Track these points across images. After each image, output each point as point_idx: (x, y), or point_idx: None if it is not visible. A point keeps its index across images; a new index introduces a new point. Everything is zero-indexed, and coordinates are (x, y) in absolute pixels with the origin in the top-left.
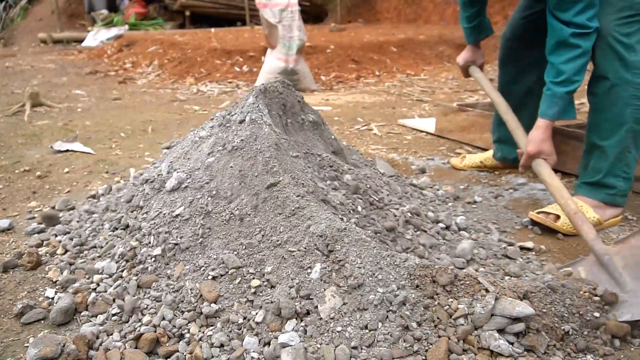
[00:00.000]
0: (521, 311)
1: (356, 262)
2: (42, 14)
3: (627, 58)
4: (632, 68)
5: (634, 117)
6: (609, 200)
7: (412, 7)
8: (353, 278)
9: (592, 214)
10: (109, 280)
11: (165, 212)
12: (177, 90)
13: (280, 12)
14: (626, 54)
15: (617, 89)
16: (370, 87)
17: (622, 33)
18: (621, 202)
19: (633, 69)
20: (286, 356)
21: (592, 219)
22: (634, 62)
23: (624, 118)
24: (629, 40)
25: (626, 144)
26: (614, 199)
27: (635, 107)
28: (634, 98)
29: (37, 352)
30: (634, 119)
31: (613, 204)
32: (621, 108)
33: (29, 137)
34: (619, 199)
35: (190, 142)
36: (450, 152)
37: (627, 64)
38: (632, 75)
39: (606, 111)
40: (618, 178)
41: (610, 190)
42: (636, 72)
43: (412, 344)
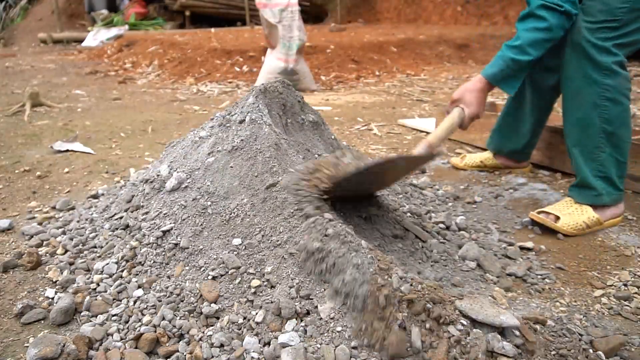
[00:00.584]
0: (504, 321)
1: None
2: (42, 14)
3: (598, 59)
4: (601, 69)
5: (604, 118)
6: (598, 202)
7: (412, 7)
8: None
9: (592, 214)
10: (109, 280)
11: (165, 212)
12: (177, 90)
13: (280, 12)
14: (596, 55)
15: (585, 90)
16: (370, 87)
17: (595, 36)
18: (611, 201)
19: (603, 69)
20: (286, 356)
21: (592, 219)
22: (604, 62)
23: (591, 120)
24: (603, 43)
25: (597, 144)
26: (601, 199)
27: (604, 108)
28: (602, 99)
29: (37, 352)
30: (603, 119)
31: (603, 205)
32: (588, 110)
33: (29, 137)
34: (607, 198)
35: (190, 142)
36: (450, 152)
37: (597, 65)
38: (601, 76)
39: (574, 113)
40: (595, 178)
41: (593, 192)
42: (606, 73)
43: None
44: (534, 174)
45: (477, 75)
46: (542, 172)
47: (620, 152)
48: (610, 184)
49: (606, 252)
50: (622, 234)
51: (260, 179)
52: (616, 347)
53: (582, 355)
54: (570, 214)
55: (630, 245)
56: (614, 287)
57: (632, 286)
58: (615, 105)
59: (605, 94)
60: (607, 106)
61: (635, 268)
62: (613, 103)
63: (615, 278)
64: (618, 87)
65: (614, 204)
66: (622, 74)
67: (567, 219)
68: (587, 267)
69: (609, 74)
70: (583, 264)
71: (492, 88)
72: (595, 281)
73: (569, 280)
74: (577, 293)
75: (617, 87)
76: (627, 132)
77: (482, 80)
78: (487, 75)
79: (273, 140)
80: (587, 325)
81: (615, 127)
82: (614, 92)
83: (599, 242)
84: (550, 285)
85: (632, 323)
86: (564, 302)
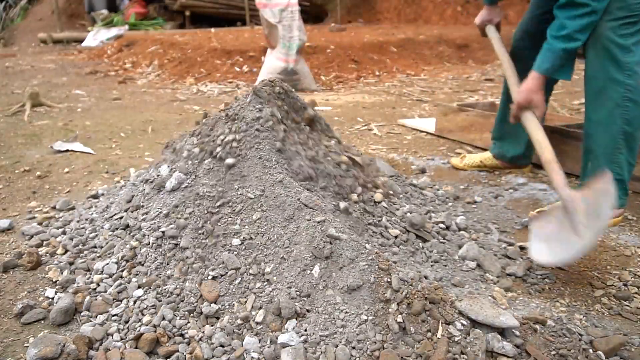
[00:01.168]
0: (504, 321)
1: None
2: (42, 14)
3: (620, 59)
4: (624, 69)
5: (624, 119)
6: None
7: (412, 7)
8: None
9: None
10: (109, 280)
11: (165, 212)
12: (177, 90)
13: (280, 12)
14: (619, 55)
15: (608, 89)
16: (370, 87)
17: (617, 34)
18: (620, 206)
19: (625, 70)
20: (286, 356)
21: None
22: (627, 62)
23: (613, 119)
24: (624, 41)
25: (617, 145)
26: None
27: (626, 109)
28: (625, 99)
29: (37, 352)
30: (624, 120)
31: None
32: (611, 109)
33: (29, 137)
34: (617, 203)
35: None
36: (450, 152)
37: (619, 65)
38: (624, 76)
39: (597, 113)
40: (614, 181)
41: None
42: (628, 73)
43: (413, 345)
44: (534, 174)
45: (532, 73)
46: (542, 172)
47: (632, 154)
48: (622, 187)
49: (606, 252)
50: (622, 234)
51: (260, 180)
52: (616, 347)
53: (582, 355)
54: None
55: (630, 245)
56: (614, 287)
57: (632, 286)
58: (636, 106)
59: (628, 95)
60: (629, 107)
61: (635, 268)
62: (634, 104)
63: (615, 278)
64: (639, 88)
65: (619, 208)
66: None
67: None
68: (587, 267)
69: (631, 75)
70: (583, 264)
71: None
72: (595, 281)
73: (569, 280)
74: (577, 293)
75: (638, 88)
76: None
77: (540, 77)
78: (544, 71)
79: (273, 139)
80: (587, 325)
81: (634, 128)
82: (635, 93)
83: (599, 242)
84: (550, 285)
85: (632, 323)
86: (564, 302)
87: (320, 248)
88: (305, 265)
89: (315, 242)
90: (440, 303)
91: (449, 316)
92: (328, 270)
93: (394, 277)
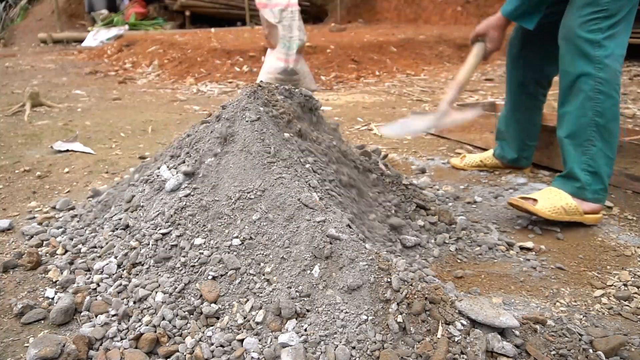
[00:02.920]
0: (504, 321)
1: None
2: (42, 14)
3: (591, 53)
4: (595, 62)
5: (596, 111)
6: (578, 195)
7: (412, 7)
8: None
9: (570, 200)
10: (109, 280)
11: (165, 213)
12: (177, 90)
13: (280, 12)
14: (590, 50)
15: (579, 82)
16: (370, 87)
17: (587, 30)
18: (592, 198)
19: (596, 63)
20: (286, 356)
21: (570, 205)
22: (598, 56)
23: (584, 111)
24: (594, 36)
25: (588, 137)
26: (583, 193)
27: (597, 101)
28: (596, 92)
29: (37, 352)
30: (596, 112)
31: (582, 198)
32: (582, 101)
33: (29, 137)
34: (589, 195)
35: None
36: (450, 152)
37: (589, 59)
38: (595, 69)
39: (568, 104)
40: (583, 171)
41: (575, 183)
42: (599, 66)
43: (413, 345)
44: (534, 174)
45: (497, 13)
46: (542, 172)
47: (610, 148)
48: (599, 181)
49: (606, 252)
50: (622, 234)
51: (260, 181)
52: (616, 347)
53: (582, 355)
54: (549, 199)
55: (630, 245)
56: (614, 287)
57: (632, 286)
58: (608, 98)
59: (599, 87)
60: (600, 99)
61: (635, 268)
62: (605, 96)
63: (615, 278)
64: (610, 81)
65: (596, 202)
66: (614, 68)
67: (545, 202)
68: (587, 267)
69: (602, 67)
70: (583, 264)
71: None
72: (595, 281)
73: (569, 280)
74: (577, 293)
75: (610, 80)
76: (616, 128)
77: (502, 18)
78: (507, 13)
79: (274, 139)
80: (587, 325)
81: (607, 120)
82: (606, 86)
83: (599, 242)
84: (550, 285)
85: (632, 323)
86: (564, 302)
87: (320, 248)
88: (305, 266)
89: (315, 242)
90: (440, 303)
91: (449, 316)
92: (328, 270)
93: (394, 277)
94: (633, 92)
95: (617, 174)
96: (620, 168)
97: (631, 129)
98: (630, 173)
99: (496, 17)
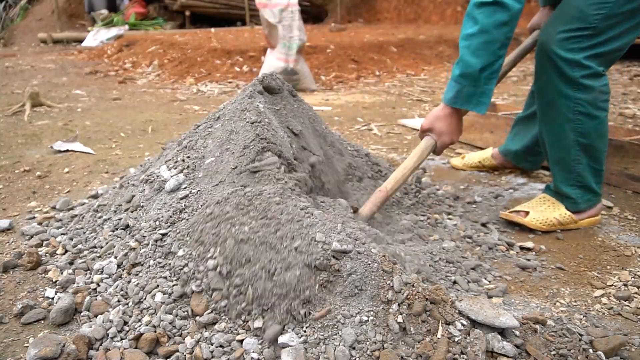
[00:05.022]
0: (504, 321)
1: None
2: (42, 14)
3: (569, 73)
4: (573, 84)
5: (578, 132)
6: (573, 209)
7: (412, 7)
8: (351, 284)
9: (564, 211)
10: (109, 280)
11: (164, 213)
12: (177, 90)
13: (280, 12)
14: (568, 70)
15: (557, 104)
16: (370, 87)
17: (565, 48)
18: (587, 206)
19: (574, 84)
20: (286, 356)
21: (564, 216)
22: (576, 77)
23: (565, 133)
24: (573, 56)
25: (573, 157)
26: (578, 207)
27: (578, 122)
28: (576, 113)
29: (37, 352)
30: (577, 133)
31: (578, 211)
32: (561, 123)
33: (29, 137)
34: (584, 205)
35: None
36: (450, 152)
37: (567, 79)
38: (573, 90)
39: (549, 124)
40: (573, 187)
41: (570, 200)
42: (578, 87)
43: (413, 345)
44: (534, 174)
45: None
46: (543, 172)
47: (597, 161)
48: (589, 191)
49: (606, 252)
50: (622, 234)
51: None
52: (616, 347)
53: (582, 355)
54: (542, 211)
55: (630, 245)
56: (614, 287)
57: (632, 286)
58: (590, 119)
59: (578, 108)
60: (581, 120)
61: (635, 268)
62: (587, 117)
63: (615, 278)
64: (592, 101)
65: (591, 208)
66: (596, 87)
67: (536, 214)
68: (587, 267)
69: (581, 89)
70: (583, 264)
71: (462, 112)
72: (595, 281)
73: (569, 280)
74: (577, 293)
75: (591, 100)
76: (603, 143)
77: (446, 107)
78: (447, 101)
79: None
80: (587, 325)
81: (591, 139)
82: (587, 107)
83: (599, 242)
84: (550, 285)
85: (632, 323)
86: (564, 302)
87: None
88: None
89: (318, 263)
90: (441, 303)
91: (449, 316)
92: (329, 274)
93: (396, 279)
94: (633, 92)
95: (617, 174)
96: (621, 168)
97: (631, 129)
98: (630, 173)
99: (439, 108)
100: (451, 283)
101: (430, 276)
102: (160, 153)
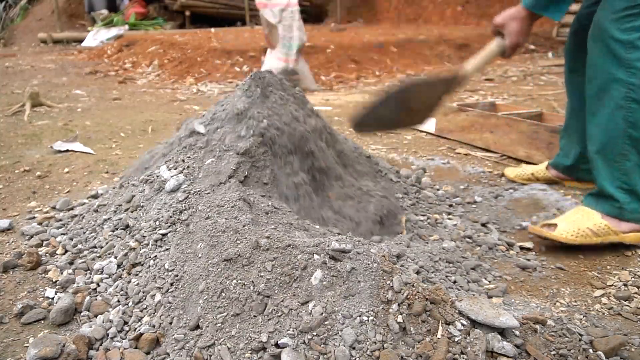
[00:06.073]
0: (504, 322)
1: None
2: (42, 14)
3: (623, 55)
4: (627, 67)
5: (629, 121)
6: (614, 214)
7: (412, 7)
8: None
9: (599, 220)
10: (109, 280)
11: (164, 213)
12: (177, 90)
13: (280, 12)
14: (622, 52)
15: (609, 89)
16: (370, 87)
17: (619, 29)
18: (633, 219)
19: (628, 67)
20: (286, 356)
21: (600, 226)
22: (630, 59)
23: (615, 122)
24: (627, 36)
25: (621, 151)
26: (621, 213)
27: (630, 110)
28: (628, 100)
29: (37, 352)
30: (628, 123)
31: (620, 218)
32: (612, 111)
33: (29, 137)
34: (628, 214)
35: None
36: (450, 152)
37: (621, 62)
38: (627, 74)
39: (597, 115)
40: (617, 189)
41: (614, 203)
42: (632, 71)
43: (413, 345)
44: None
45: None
46: None
47: None
48: (636, 198)
49: (606, 252)
50: None
51: None
52: (616, 347)
53: (582, 355)
54: (573, 221)
55: (630, 245)
56: (614, 287)
57: (632, 286)
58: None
59: (631, 95)
60: (633, 108)
61: (635, 268)
62: (639, 104)
63: (615, 278)
64: None
65: (635, 223)
66: None
67: (566, 225)
68: (587, 267)
69: (635, 73)
70: (583, 264)
71: (537, 17)
72: (595, 281)
73: (569, 280)
74: (577, 293)
75: None
76: None
77: (522, 9)
78: (525, 3)
79: None
80: (587, 325)
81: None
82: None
83: (599, 242)
84: (550, 285)
85: (632, 323)
86: (564, 302)
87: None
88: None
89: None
90: (441, 303)
91: (449, 316)
92: (329, 275)
93: (396, 279)
94: None
95: None
96: None
97: None
98: None
99: (516, 9)
100: (451, 283)
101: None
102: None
